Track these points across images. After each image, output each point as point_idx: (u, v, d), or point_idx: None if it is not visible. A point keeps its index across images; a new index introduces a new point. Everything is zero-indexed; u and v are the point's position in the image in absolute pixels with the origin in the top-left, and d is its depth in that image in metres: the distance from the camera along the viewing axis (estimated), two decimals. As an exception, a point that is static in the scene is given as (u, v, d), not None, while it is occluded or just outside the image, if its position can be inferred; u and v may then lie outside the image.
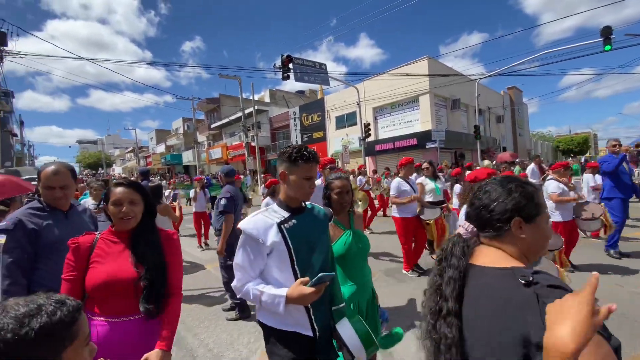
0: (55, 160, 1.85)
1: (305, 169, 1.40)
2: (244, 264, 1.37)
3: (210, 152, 33.75)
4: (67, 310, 0.70)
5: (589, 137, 52.77)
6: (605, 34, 11.20)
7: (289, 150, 1.42)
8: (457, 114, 20.98)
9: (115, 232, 1.48)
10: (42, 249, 1.65)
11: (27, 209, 1.72)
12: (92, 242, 1.42)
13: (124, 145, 67.62)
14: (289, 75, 12.69)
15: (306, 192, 1.44)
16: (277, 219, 1.40)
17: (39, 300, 0.69)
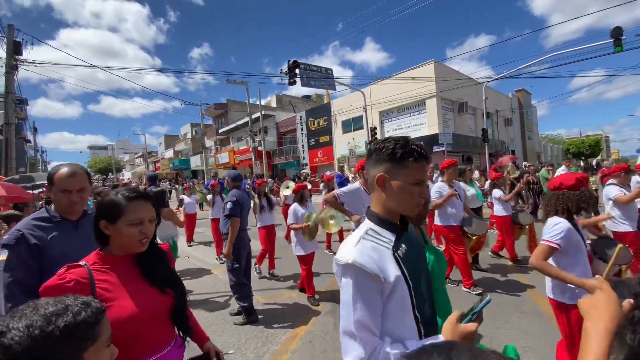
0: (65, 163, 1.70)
1: (416, 170, 1.01)
2: (365, 320, 0.90)
3: (218, 157, 34.05)
4: (91, 312, 0.73)
5: (601, 139, 51.75)
6: (615, 35, 11.04)
7: (390, 145, 1.02)
8: (464, 117, 20.84)
9: (110, 256, 1.16)
10: (47, 264, 1.45)
11: (31, 219, 1.53)
12: (88, 277, 1.08)
13: (134, 151, 68.68)
14: (296, 81, 12.78)
15: (416, 202, 1.03)
16: (386, 243, 1.00)
17: (67, 301, 0.73)
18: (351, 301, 0.92)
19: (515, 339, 2.97)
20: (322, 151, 25.09)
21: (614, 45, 11.07)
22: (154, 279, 1.19)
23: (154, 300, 1.16)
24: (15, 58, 9.74)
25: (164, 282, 1.20)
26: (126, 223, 1.14)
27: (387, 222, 1.04)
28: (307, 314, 3.75)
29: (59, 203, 1.56)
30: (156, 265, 1.22)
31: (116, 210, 1.14)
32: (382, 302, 0.94)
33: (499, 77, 17.04)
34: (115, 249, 1.17)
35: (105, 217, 1.14)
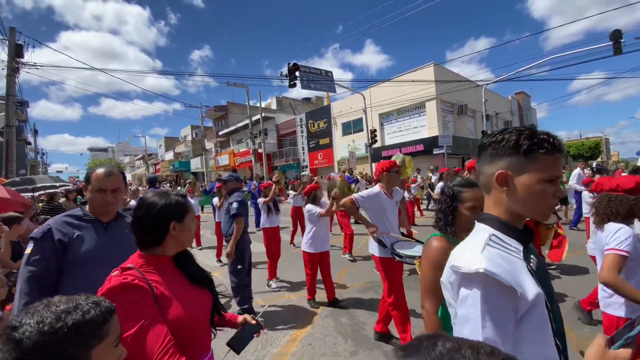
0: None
1: (549, 164, 0.82)
2: (495, 340, 0.73)
3: (218, 159, 34.09)
4: (100, 311, 0.74)
5: (601, 141, 51.81)
6: (614, 38, 11.09)
7: (512, 136, 0.84)
8: (464, 119, 20.87)
9: (153, 258, 1.15)
10: (66, 263, 1.45)
11: (64, 216, 1.56)
12: (143, 277, 1.05)
13: (134, 153, 68.74)
14: (296, 83, 12.82)
15: (548, 204, 0.84)
16: (515, 253, 0.83)
17: (79, 300, 0.75)
18: (478, 317, 0.75)
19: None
20: (322, 153, 25.12)
21: (614, 48, 11.11)
22: (192, 278, 1.21)
23: (201, 300, 1.18)
24: (16, 61, 9.77)
25: (200, 280, 1.23)
26: (190, 218, 1.20)
27: (511, 228, 0.86)
28: (307, 317, 3.75)
29: (93, 202, 1.57)
30: (190, 264, 1.24)
31: (183, 209, 1.18)
32: (514, 323, 0.77)
33: (498, 79, 17.09)
34: (169, 249, 1.17)
35: (176, 218, 1.15)
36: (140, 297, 1.00)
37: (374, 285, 4.53)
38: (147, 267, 1.11)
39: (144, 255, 1.14)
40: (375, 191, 3.12)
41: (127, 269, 1.07)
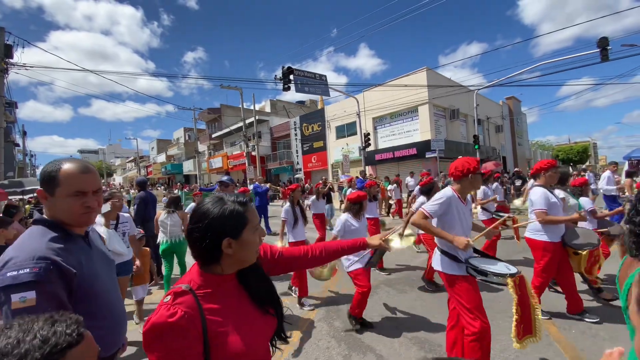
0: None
1: None
2: None
3: (211, 162, 33.86)
4: (41, 354, 0.60)
5: (589, 146, 52.92)
6: (602, 46, 11.37)
7: None
8: (456, 123, 21.13)
9: (215, 277, 0.97)
10: (78, 297, 1.11)
11: (47, 240, 1.09)
12: (197, 307, 0.88)
13: (125, 155, 67.93)
14: (290, 87, 12.85)
15: None
16: None
17: (27, 335, 0.61)
18: None
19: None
20: (316, 156, 25.15)
21: (601, 55, 11.40)
22: (258, 298, 1.03)
23: (263, 327, 1.02)
24: (5, 61, 9.62)
25: (266, 301, 1.06)
26: (251, 232, 0.98)
27: None
28: (301, 321, 3.74)
29: (69, 211, 1.15)
30: (259, 281, 1.06)
31: (239, 221, 0.96)
32: None
33: (489, 84, 17.36)
34: (227, 267, 0.98)
35: (230, 234, 0.94)
36: (183, 345, 0.83)
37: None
38: (205, 289, 0.93)
39: (202, 273, 0.96)
40: (448, 194, 2.49)
41: (181, 293, 0.89)
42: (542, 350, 2.88)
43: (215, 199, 1.00)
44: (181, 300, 0.87)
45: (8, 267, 0.98)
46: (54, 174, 1.14)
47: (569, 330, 3.23)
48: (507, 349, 2.93)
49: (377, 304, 4.14)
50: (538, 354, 2.82)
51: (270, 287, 1.09)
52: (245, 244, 0.97)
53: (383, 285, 4.78)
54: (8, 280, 0.95)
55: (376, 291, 4.60)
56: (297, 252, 1.32)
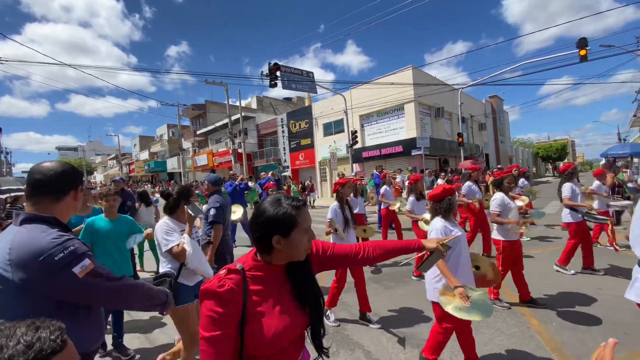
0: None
1: None
2: None
3: (196, 159, 33.28)
4: (25, 359, 0.59)
5: (567, 143, 54.80)
6: (581, 46, 11.74)
7: None
8: (441, 121, 21.46)
9: (266, 265, 1.10)
10: None
11: (53, 231, 1.19)
12: (243, 285, 1.03)
13: (106, 152, 65.95)
14: (277, 83, 12.73)
15: None
16: None
17: (10, 341, 0.61)
18: None
19: None
20: (304, 154, 25.08)
21: (579, 56, 11.76)
22: (298, 293, 1.13)
23: (292, 324, 1.08)
24: (-25, 53, 9.13)
25: (307, 298, 1.13)
26: (299, 233, 1.08)
27: None
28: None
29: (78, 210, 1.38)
30: (304, 279, 1.14)
31: (289, 222, 1.06)
32: None
33: (473, 83, 17.71)
34: (276, 259, 1.10)
35: (281, 233, 1.05)
36: (223, 312, 0.98)
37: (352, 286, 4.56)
38: (255, 272, 1.08)
39: (255, 258, 1.11)
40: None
41: (233, 270, 1.05)
42: (523, 342, 2.97)
43: (273, 199, 1.11)
44: (232, 277, 1.03)
45: (56, 247, 1.09)
46: (77, 174, 1.34)
47: (550, 323, 3.33)
48: (491, 341, 3.01)
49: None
50: (520, 347, 2.90)
51: (313, 287, 1.16)
52: (294, 243, 1.07)
53: (370, 282, 4.81)
54: (68, 257, 1.10)
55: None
56: (348, 250, 1.33)
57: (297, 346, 1.15)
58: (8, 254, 1.07)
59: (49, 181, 1.21)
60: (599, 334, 3.04)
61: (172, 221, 2.50)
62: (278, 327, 1.03)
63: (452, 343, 2.55)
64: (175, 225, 2.49)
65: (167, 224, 2.47)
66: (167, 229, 2.43)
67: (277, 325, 1.03)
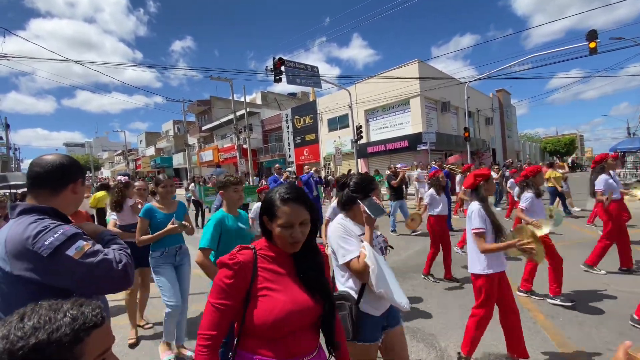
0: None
1: None
2: None
3: (201, 155, 33.47)
4: (73, 329, 0.66)
5: (576, 138, 53.97)
6: (590, 39, 11.50)
7: None
8: (447, 116, 21.26)
9: (275, 247, 1.18)
10: None
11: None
12: (253, 261, 1.12)
13: (113, 148, 66.56)
14: (281, 78, 12.69)
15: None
16: None
17: (58, 312, 0.67)
18: None
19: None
20: (308, 149, 25.08)
21: (589, 48, 11.53)
22: (305, 281, 1.17)
23: (304, 303, 1.12)
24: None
25: (313, 288, 1.16)
26: (279, 225, 1.13)
27: None
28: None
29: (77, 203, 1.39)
30: (308, 269, 1.19)
31: (272, 209, 1.15)
32: None
33: (480, 77, 17.46)
34: (278, 244, 1.18)
35: (266, 214, 1.17)
36: (230, 282, 1.08)
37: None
38: (267, 251, 1.17)
39: (266, 241, 1.20)
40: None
41: (246, 247, 1.16)
42: (530, 337, 2.95)
43: (274, 188, 1.21)
44: (244, 253, 1.13)
45: (46, 233, 1.07)
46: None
47: (557, 318, 3.31)
48: (497, 338, 3.01)
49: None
50: (526, 342, 2.89)
51: (320, 278, 1.20)
52: (275, 231, 1.15)
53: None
54: (60, 239, 1.07)
55: (369, 283, 4.64)
56: None
57: (309, 336, 1.15)
58: (4, 246, 1.07)
59: (47, 174, 1.21)
60: (606, 329, 3.01)
61: (349, 222, 1.80)
62: (284, 307, 1.07)
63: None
64: (355, 228, 1.77)
65: (342, 226, 1.77)
66: (344, 233, 1.73)
67: (283, 305, 1.07)
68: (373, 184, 1.83)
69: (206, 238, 2.27)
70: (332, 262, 1.84)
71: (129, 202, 3.50)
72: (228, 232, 2.37)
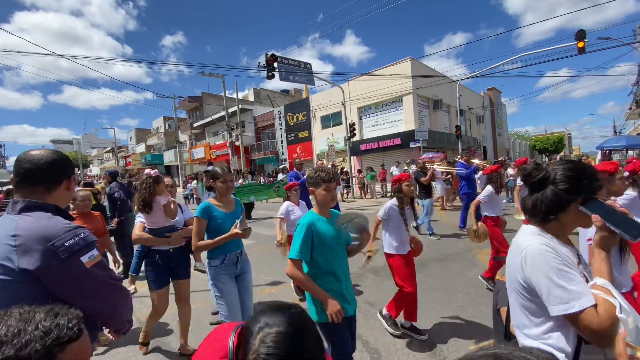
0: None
1: None
2: None
3: (193, 152, 33.11)
4: (43, 344, 0.59)
5: (564, 136, 54.96)
6: (579, 38, 11.68)
7: None
8: (439, 114, 21.41)
9: None
10: None
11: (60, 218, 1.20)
12: None
13: (102, 145, 65.42)
14: (274, 75, 12.60)
15: None
16: None
17: (28, 325, 0.61)
18: None
19: None
20: (302, 146, 25.01)
21: (578, 48, 11.72)
22: None
23: None
24: (-34, 43, 8.94)
25: None
26: None
27: None
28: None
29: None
30: None
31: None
32: None
33: (472, 75, 17.62)
34: None
35: None
36: None
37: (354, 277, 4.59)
38: None
39: None
40: None
41: None
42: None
43: None
44: None
45: (67, 234, 1.07)
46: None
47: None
48: (473, 318, 3.04)
49: (364, 291, 4.19)
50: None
51: None
52: None
53: (368, 273, 4.84)
54: (80, 243, 1.08)
55: (362, 279, 4.66)
56: None
57: None
58: (13, 240, 1.02)
59: (40, 171, 1.15)
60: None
61: (555, 241, 1.12)
62: None
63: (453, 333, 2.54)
64: (564, 250, 1.10)
65: (552, 250, 1.07)
66: (559, 263, 1.04)
67: None
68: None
69: (296, 247, 1.91)
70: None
71: (161, 201, 2.91)
72: (321, 238, 1.94)
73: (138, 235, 2.80)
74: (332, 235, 1.97)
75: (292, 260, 1.91)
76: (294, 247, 1.91)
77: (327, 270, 1.93)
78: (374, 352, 2.84)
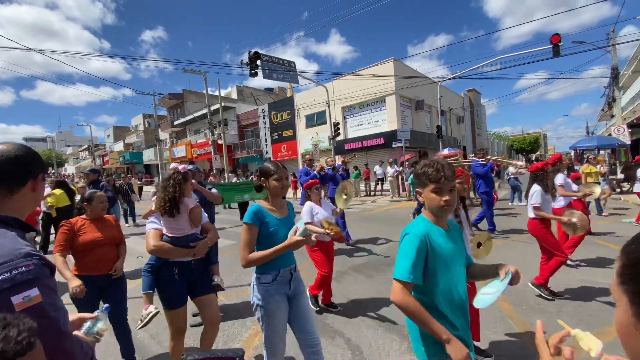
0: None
1: None
2: None
3: (174, 150, 32.38)
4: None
5: (540, 136, 57.16)
6: (554, 42, 12.14)
7: None
8: (421, 114, 21.81)
9: None
10: None
11: (15, 235, 0.98)
12: None
13: (78, 143, 62.91)
14: (257, 72, 12.48)
15: None
16: None
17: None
18: None
19: None
20: (286, 145, 24.90)
21: (553, 51, 12.19)
22: None
23: None
24: None
25: None
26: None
27: None
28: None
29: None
30: None
31: None
32: None
33: (452, 77, 18.01)
34: None
35: None
36: None
37: (336, 275, 4.61)
38: None
39: None
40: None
41: None
42: (495, 325, 3.10)
43: None
44: None
45: (4, 266, 0.85)
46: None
47: (520, 305, 3.50)
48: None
49: (345, 289, 4.22)
50: (491, 328, 3.03)
51: None
52: None
53: (350, 271, 4.88)
54: (16, 279, 0.85)
55: (344, 277, 4.69)
56: None
57: None
58: None
59: (0, 168, 0.99)
60: (567, 315, 3.22)
61: None
62: None
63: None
64: None
65: None
66: None
67: None
68: None
69: (402, 266, 1.40)
70: None
71: (189, 204, 2.43)
72: (437, 254, 1.42)
73: (156, 246, 2.29)
74: (450, 251, 1.45)
75: (401, 283, 1.38)
76: (400, 265, 1.42)
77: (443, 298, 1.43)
78: (356, 349, 2.87)
